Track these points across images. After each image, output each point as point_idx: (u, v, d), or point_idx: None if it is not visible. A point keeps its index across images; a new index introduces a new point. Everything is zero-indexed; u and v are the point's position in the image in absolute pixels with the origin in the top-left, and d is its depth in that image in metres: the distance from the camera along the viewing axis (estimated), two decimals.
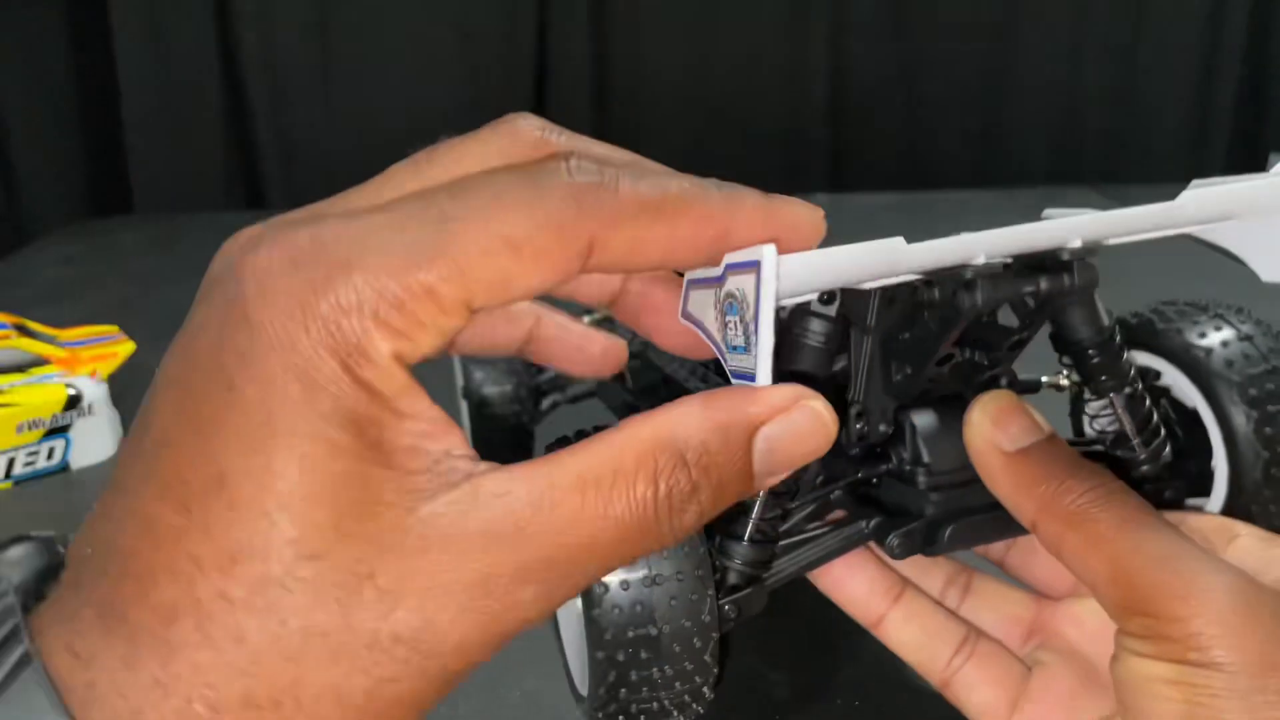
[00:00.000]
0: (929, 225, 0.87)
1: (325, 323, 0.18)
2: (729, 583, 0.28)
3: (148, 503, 0.18)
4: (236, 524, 0.18)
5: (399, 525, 0.18)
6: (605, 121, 1.33)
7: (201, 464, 0.18)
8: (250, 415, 0.18)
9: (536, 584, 0.19)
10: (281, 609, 0.18)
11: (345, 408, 0.18)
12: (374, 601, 0.18)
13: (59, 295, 0.85)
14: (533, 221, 0.19)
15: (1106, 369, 0.29)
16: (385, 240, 0.18)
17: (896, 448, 0.29)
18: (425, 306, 0.18)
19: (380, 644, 0.18)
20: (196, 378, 0.19)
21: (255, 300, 0.18)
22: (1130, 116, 1.41)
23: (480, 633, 0.19)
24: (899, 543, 0.29)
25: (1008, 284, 0.25)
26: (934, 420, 0.29)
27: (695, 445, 0.20)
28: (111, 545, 0.19)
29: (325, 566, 0.18)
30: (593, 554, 0.19)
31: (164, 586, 0.18)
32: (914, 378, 0.28)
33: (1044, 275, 0.25)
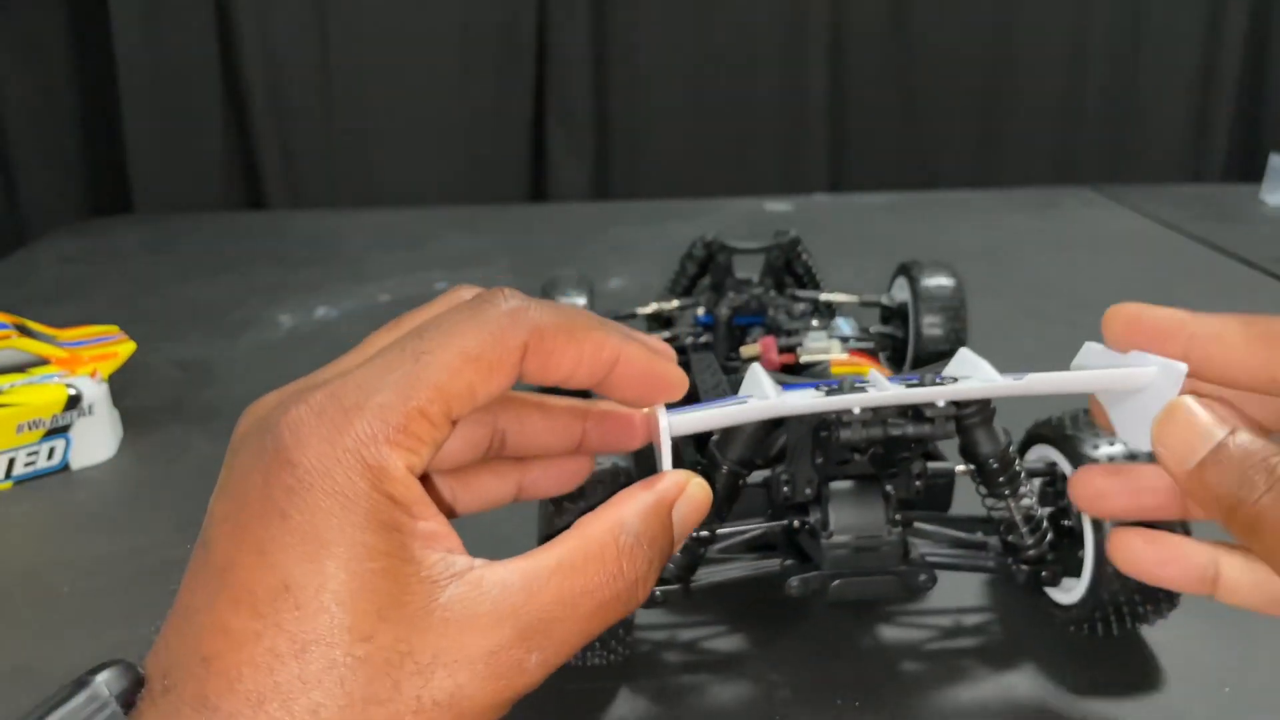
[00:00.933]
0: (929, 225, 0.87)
1: (351, 454, 0.23)
2: (661, 575, 0.35)
3: (222, 615, 0.23)
4: (304, 620, 0.22)
5: (425, 610, 0.23)
6: (605, 121, 1.33)
7: (267, 577, 0.23)
8: (303, 535, 0.23)
9: (538, 651, 0.24)
10: (346, 683, 0.22)
11: (376, 517, 0.23)
12: (414, 674, 0.23)
13: (59, 295, 0.85)
14: (481, 338, 0.25)
15: (1002, 475, 0.36)
16: (380, 383, 0.24)
17: (814, 509, 0.36)
18: (421, 425, 0.24)
19: (424, 709, 0.23)
20: (250, 512, 0.24)
21: (294, 447, 0.24)
22: (1130, 116, 1.41)
23: (497, 694, 0.24)
24: (797, 584, 0.36)
25: (878, 427, 0.32)
26: (845, 493, 0.36)
27: (639, 520, 0.26)
28: (195, 654, 0.23)
29: (375, 646, 0.23)
30: (579, 622, 0.24)
31: (248, 678, 0.22)
32: (827, 464, 0.35)
33: (912, 423, 0.32)
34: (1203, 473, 0.27)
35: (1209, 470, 0.26)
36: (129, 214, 1.19)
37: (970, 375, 0.32)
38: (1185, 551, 0.30)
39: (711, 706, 0.36)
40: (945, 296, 0.57)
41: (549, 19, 1.27)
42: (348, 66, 1.24)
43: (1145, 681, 0.37)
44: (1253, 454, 0.26)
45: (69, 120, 1.18)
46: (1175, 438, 0.27)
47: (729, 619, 0.41)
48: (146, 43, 1.17)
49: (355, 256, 0.96)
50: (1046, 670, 0.38)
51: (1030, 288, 0.84)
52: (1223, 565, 0.30)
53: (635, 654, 0.39)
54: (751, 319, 0.55)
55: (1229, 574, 0.30)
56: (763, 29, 1.32)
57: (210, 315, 0.79)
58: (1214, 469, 0.26)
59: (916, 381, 0.31)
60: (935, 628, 0.41)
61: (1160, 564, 0.30)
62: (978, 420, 0.35)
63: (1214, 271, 0.89)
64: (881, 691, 0.37)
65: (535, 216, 1.14)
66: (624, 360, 0.27)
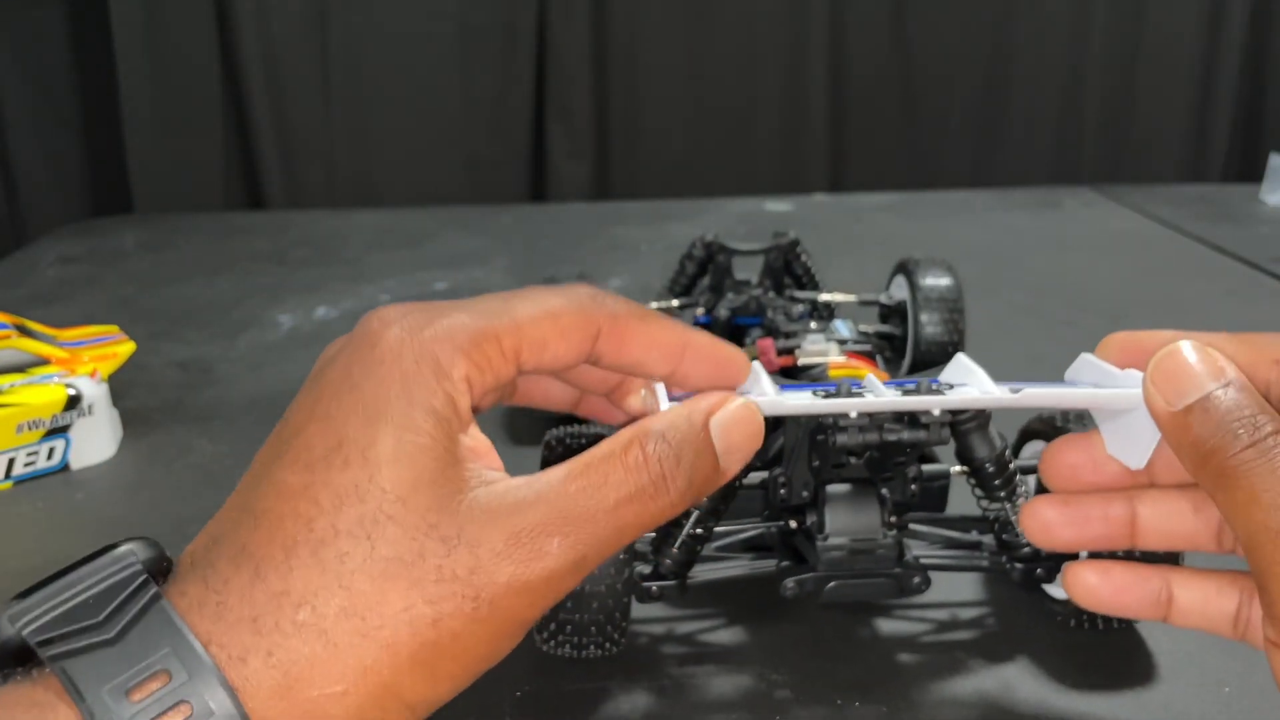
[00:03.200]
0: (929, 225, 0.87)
1: (427, 346, 0.26)
2: (659, 571, 0.36)
3: (279, 472, 0.25)
4: (346, 473, 0.24)
5: (456, 495, 0.25)
6: (605, 121, 1.33)
7: (326, 438, 0.25)
8: (366, 403, 0.25)
9: (559, 536, 0.25)
10: (374, 538, 0.24)
11: (431, 404, 0.25)
12: (438, 544, 0.24)
13: (59, 295, 0.85)
14: (564, 305, 0.28)
15: (998, 479, 0.36)
16: (467, 307, 0.27)
17: (810, 511, 0.36)
18: (492, 348, 0.27)
19: (444, 579, 0.24)
20: (328, 386, 0.26)
21: (378, 330, 0.27)
22: (1130, 116, 1.41)
23: (515, 576, 0.25)
24: (793, 585, 0.36)
25: (874, 432, 0.33)
26: (841, 496, 0.36)
27: (666, 426, 0.27)
28: (248, 512, 0.25)
29: (407, 510, 0.24)
30: (605, 514, 0.26)
31: (288, 527, 0.24)
32: (823, 467, 0.36)
33: (908, 428, 0.33)
34: (1188, 416, 0.27)
35: (1194, 414, 0.27)
36: (129, 214, 1.18)
37: (966, 382, 0.32)
38: (1137, 578, 0.31)
39: (711, 705, 0.36)
40: (944, 295, 0.57)
41: (549, 19, 1.27)
42: (348, 66, 1.24)
43: (1145, 680, 0.37)
44: (1240, 407, 0.26)
45: (69, 120, 1.18)
46: (1168, 378, 0.28)
47: (728, 615, 0.41)
48: (146, 43, 1.17)
49: (355, 256, 0.96)
50: (1046, 668, 0.38)
51: (1030, 288, 0.84)
52: (1175, 589, 0.31)
53: (634, 651, 0.39)
54: (750, 320, 0.55)
55: (1181, 597, 0.31)
56: (763, 29, 1.32)
57: (210, 315, 0.79)
58: (1200, 414, 0.27)
59: (913, 387, 0.31)
60: (933, 624, 0.41)
61: (1116, 593, 0.31)
62: (973, 426, 0.36)
63: (1214, 271, 0.89)
64: (881, 688, 0.37)
65: (535, 216, 1.14)
66: (693, 346, 0.29)
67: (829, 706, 0.36)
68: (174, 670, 0.23)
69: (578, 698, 0.37)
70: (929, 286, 0.57)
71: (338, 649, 0.24)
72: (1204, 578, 0.31)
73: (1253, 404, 0.26)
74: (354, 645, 0.24)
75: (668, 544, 0.36)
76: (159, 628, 0.23)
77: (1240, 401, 0.26)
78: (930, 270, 0.58)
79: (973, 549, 0.39)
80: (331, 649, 0.24)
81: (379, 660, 0.24)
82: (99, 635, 0.23)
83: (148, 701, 0.22)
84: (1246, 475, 0.26)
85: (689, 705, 0.36)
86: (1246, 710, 0.36)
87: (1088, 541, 0.32)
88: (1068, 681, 0.37)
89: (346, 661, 0.24)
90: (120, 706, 0.22)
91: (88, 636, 0.23)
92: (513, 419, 0.58)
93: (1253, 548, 0.26)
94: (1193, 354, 0.28)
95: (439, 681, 0.25)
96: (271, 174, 1.24)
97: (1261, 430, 0.26)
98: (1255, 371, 0.28)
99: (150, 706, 0.22)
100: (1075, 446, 0.32)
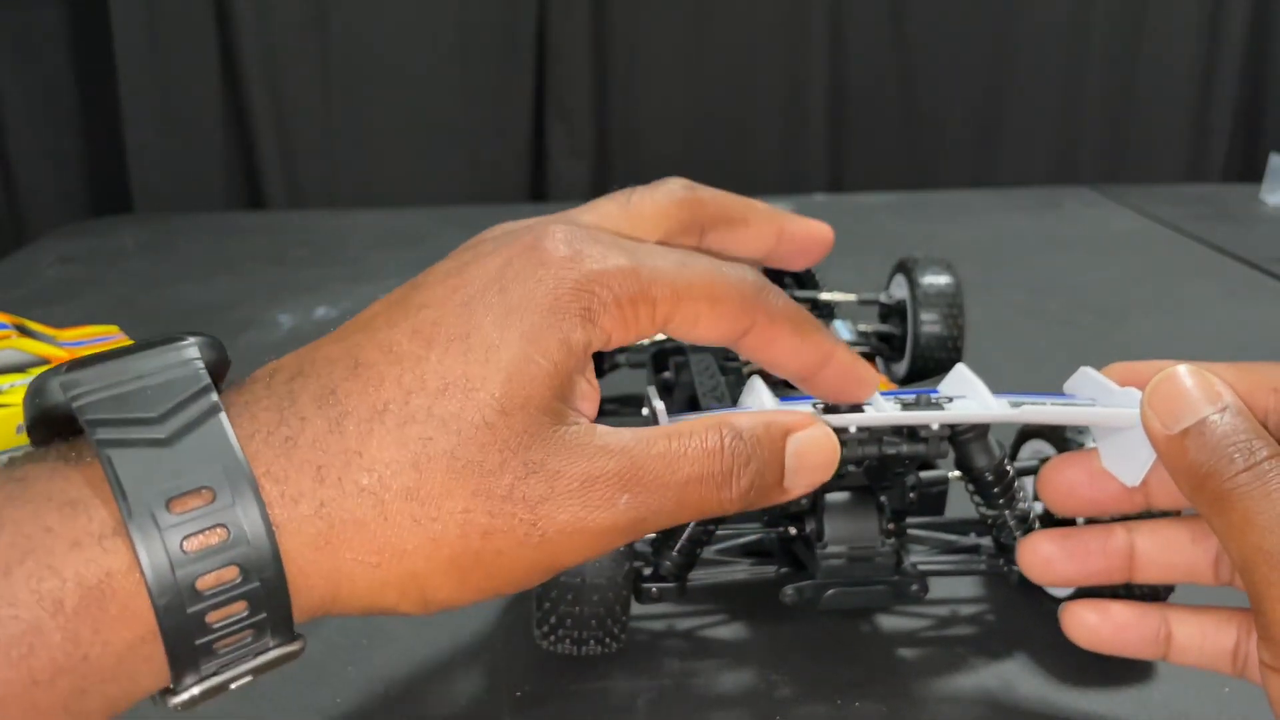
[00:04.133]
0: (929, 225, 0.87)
1: (588, 282, 0.26)
2: (659, 573, 0.36)
3: (397, 336, 0.25)
4: (464, 364, 0.24)
5: (551, 427, 0.25)
6: (605, 120, 1.33)
7: (456, 323, 0.25)
8: (508, 307, 0.25)
9: (629, 493, 0.25)
10: (464, 435, 0.24)
11: (569, 338, 0.25)
12: (520, 466, 0.24)
13: (59, 295, 0.85)
14: (731, 285, 0.27)
15: (997, 487, 0.36)
16: (633, 252, 0.27)
17: (809, 519, 0.37)
18: (645, 310, 0.26)
19: (513, 498, 0.24)
20: (477, 276, 0.26)
21: (550, 247, 0.26)
22: (1130, 116, 1.41)
23: (578, 518, 0.25)
24: (791, 592, 0.36)
25: (873, 445, 0.33)
26: (841, 503, 0.36)
27: (747, 427, 0.27)
28: (349, 357, 0.25)
29: (506, 423, 0.24)
30: (673, 487, 0.26)
31: (387, 389, 0.24)
32: None
33: (906, 442, 0.33)
34: (1184, 439, 0.27)
35: (1190, 438, 0.27)
36: (129, 214, 1.18)
37: (965, 394, 0.32)
38: (1137, 616, 0.31)
39: (711, 703, 0.36)
40: (943, 293, 0.57)
41: (549, 18, 1.27)
42: (348, 66, 1.24)
43: (1145, 679, 0.37)
44: (1236, 432, 0.27)
45: (69, 120, 1.18)
46: (1165, 401, 0.28)
47: (728, 613, 0.41)
48: (146, 43, 1.17)
49: (355, 256, 0.96)
50: (1047, 667, 0.38)
51: (1030, 288, 0.84)
52: (1174, 626, 0.31)
53: (634, 649, 0.39)
54: None
55: (1180, 634, 0.31)
56: (763, 29, 1.32)
57: (210, 315, 0.79)
58: (1195, 438, 0.27)
59: (912, 400, 0.32)
60: (934, 622, 0.41)
61: (1116, 632, 0.31)
62: (972, 437, 0.36)
63: (1214, 271, 0.89)
64: (881, 687, 0.37)
65: (535, 216, 1.14)
66: (835, 362, 0.30)
67: (829, 705, 0.36)
68: (220, 491, 0.22)
69: (578, 696, 0.37)
70: (928, 285, 0.57)
71: (387, 524, 0.23)
72: (1201, 614, 0.31)
73: (1248, 429, 0.27)
74: (403, 527, 0.24)
75: (668, 546, 0.36)
76: (215, 441, 0.22)
77: (1236, 426, 0.27)
78: (930, 269, 0.58)
79: (971, 552, 0.39)
80: (382, 522, 0.23)
81: (420, 549, 0.24)
82: (152, 432, 0.22)
83: (187, 517, 0.22)
84: (1241, 499, 0.26)
85: (689, 703, 0.36)
86: (1246, 710, 0.36)
87: (1087, 576, 0.32)
88: (1068, 680, 0.37)
89: (390, 539, 0.23)
90: (160, 514, 0.21)
91: (140, 430, 0.22)
92: None
93: (1247, 570, 0.26)
94: (1189, 379, 0.28)
95: (465, 589, 0.25)
96: (271, 174, 1.24)
97: (1257, 455, 0.26)
98: (1254, 399, 0.28)
99: (188, 522, 0.22)
100: (1073, 464, 0.32)
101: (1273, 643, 0.26)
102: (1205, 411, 0.27)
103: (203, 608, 0.22)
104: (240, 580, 0.22)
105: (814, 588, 0.36)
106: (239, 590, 0.22)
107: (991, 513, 0.37)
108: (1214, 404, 0.27)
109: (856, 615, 0.41)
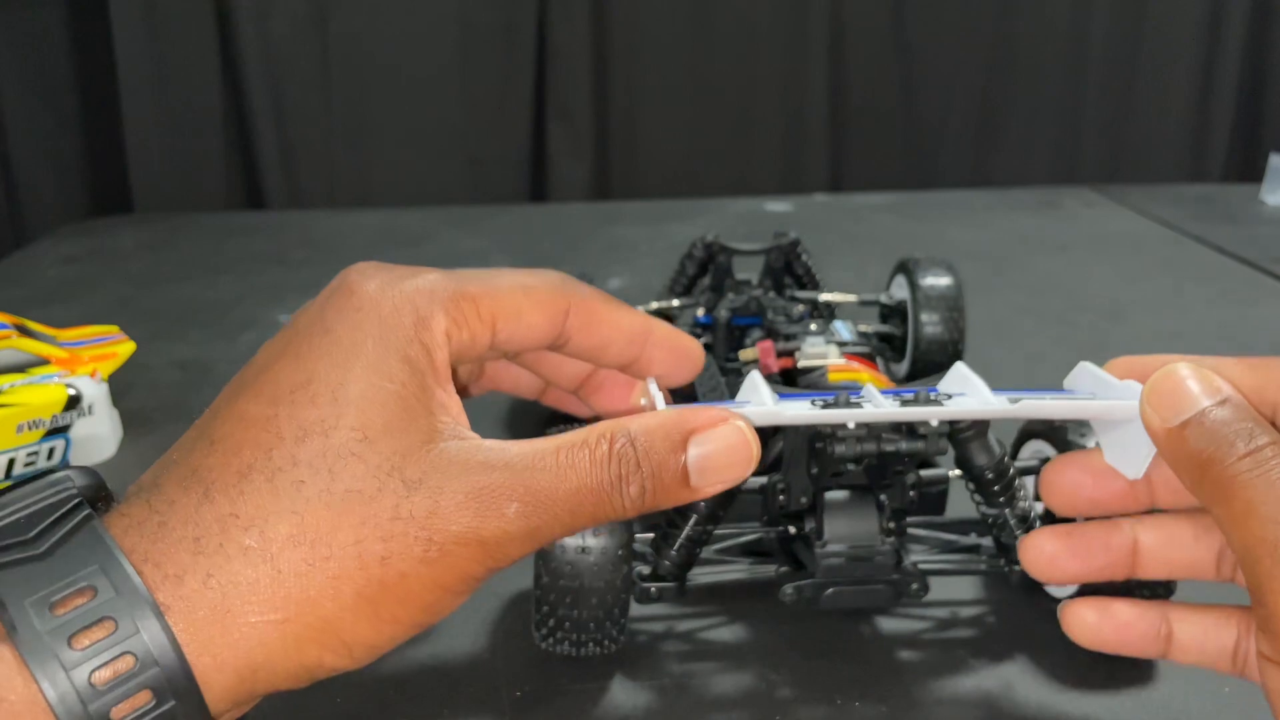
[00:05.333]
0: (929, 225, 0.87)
1: (406, 297, 0.27)
2: (658, 572, 0.36)
3: (244, 405, 0.25)
4: (313, 410, 0.25)
5: (425, 443, 0.25)
6: (605, 120, 1.33)
7: (294, 374, 0.25)
8: (340, 345, 0.26)
9: (519, 503, 0.25)
10: (335, 472, 0.24)
11: (408, 354, 0.26)
12: (399, 485, 0.24)
13: (59, 295, 0.85)
14: (538, 280, 0.30)
15: (998, 485, 0.36)
16: (445, 272, 0.28)
17: (809, 517, 0.36)
18: (469, 308, 0.28)
19: (400, 517, 0.24)
20: (301, 328, 0.27)
21: (358, 281, 0.28)
22: (1130, 116, 1.41)
23: (469, 529, 0.25)
24: (791, 592, 0.36)
25: (872, 442, 0.32)
26: (840, 502, 0.36)
27: (641, 430, 0.27)
28: (203, 434, 0.25)
29: (371, 449, 0.24)
30: (563, 498, 0.26)
31: (246, 454, 0.24)
32: (821, 474, 0.35)
33: (906, 439, 0.33)
34: (1184, 430, 0.27)
35: (1190, 429, 0.27)
36: (129, 214, 1.18)
37: (964, 392, 0.33)
38: (1137, 614, 0.31)
39: (711, 703, 0.36)
40: (944, 294, 0.57)
41: (549, 18, 1.27)
42: (348, 66, 1.24)
43: (1145, 680, 0.37)
44: (1236, 419, 0.27)
45: (69, 120, 1.18)
46: (1164, 395, 0.28)
47: (728, 613, 0.41)
48: (146, 43, 1.17)
49: (355, 256, 0.95)
50: (1047, 667, 0.38)
51: (1030, 288, 0.84)
52: (1174, 625, 0.31)
53: (634, 650, 0.39)
54: (751, 320, 0.55)
55: (1180, 632, 0.31)
56: (763, 29, 1.32)
57: (210, 315, 0.79)
58: (1196, 429, 0.27)
59: (911, 397, 0.32)
60: (934, 622, 0.41)
61: (1118, 630, 0.31)
62: (971, 435, 0.36)
63: (1214, 271, 0.89)
64: (881, 687, 0.37)
65: (535, 216, 1.14)
66: (656, 333, 0.32)
67: (829, 705, 0.36)
68: (100, 587, 0.22)
69: (577, 697, 0.37)
70: (929, 286, 0.57)
71: (281, 575, 0.23)
72: (1201, 612, 0.31)
73: (1248, 418, 0.27)
74: (299, 574, 0.23)
75: (667, 546, 0.36)
76: (89, 545, 0.23)
77: (1236, 415, 0.27)
78: (931, 270, 0.58)
79: (971, 552, 0.39)
80: (275, 575, 0.23)
81: (323, 591, 0.24)
82: (27, 551, 0.23)
83: (71, 615, 0.22)
84: (1243, 487, 0.26)
85: (689, 704, 0.36)
86: (1247, 711, 0.36)
87: (1092, 573, 0.32)
88: (1068, 680, 0.37)
89: (290, 590, 0.23)
90: (43, 619, 0.22)
91: (16, 552, 0.23)
92: (513, 416, 0.58)
93: (1249, 561, 0.26)
94: (1187, 373, 0.28)
95: (381, 624, 0.25)
96: (271, 174, 1.24)
97: (1257, 441, 0.26)
98: (1263, 395, 0.28)
99: (73, 620, 0.22)
100: (1075, 464, 0.32)
101: (1272, 635, 0.26)
102: (1204, 403, 0.27)
103: (101, 705, 0.22)
104: (136, 669, 0.22)
105: (813, 587, 0.36)
106: (137, 681, 0.22)
107: (992, 512, 0.37)
108: (1213, 396, 0.27)
109: (856, 616, 0.41)
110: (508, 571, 0.43)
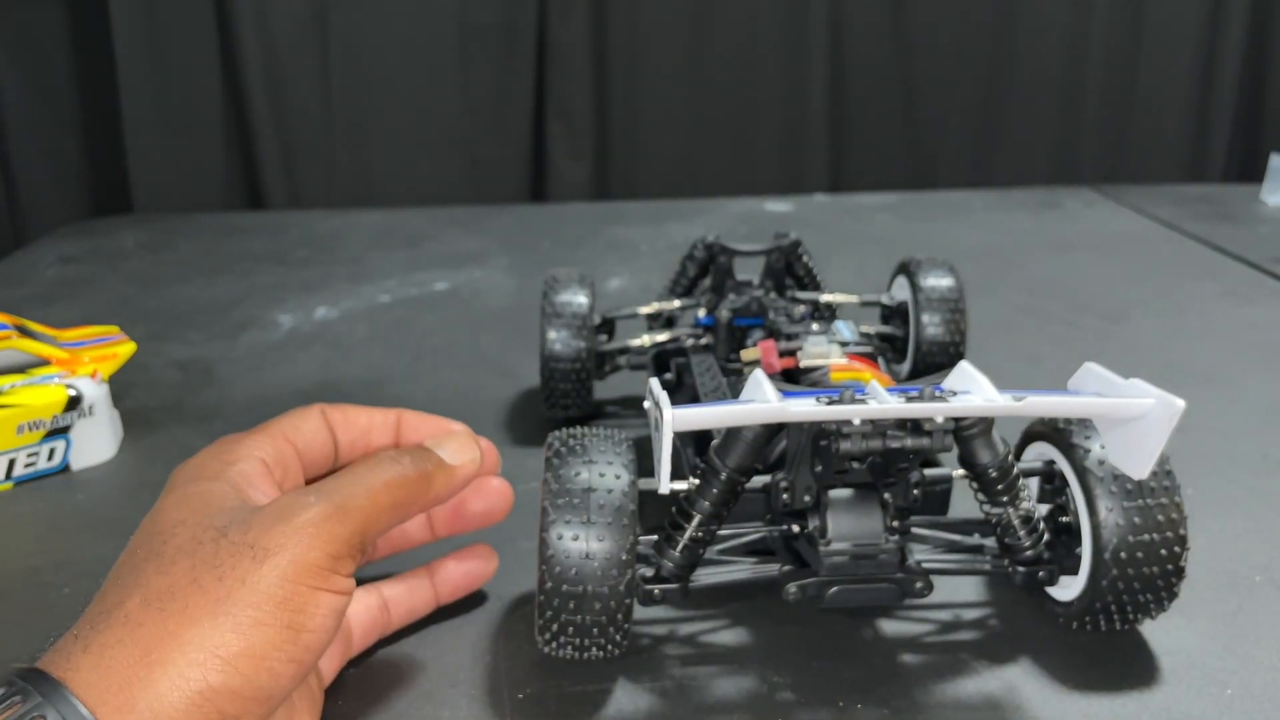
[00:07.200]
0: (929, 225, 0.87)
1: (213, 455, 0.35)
2: (660, 574, 0.36)
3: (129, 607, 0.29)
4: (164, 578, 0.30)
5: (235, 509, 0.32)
6: (605, 121, 1.33)
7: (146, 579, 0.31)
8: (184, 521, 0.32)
9: (314, 494, 0.32)
10: (195, 559, 0.30)
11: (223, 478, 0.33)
12: (217, 535, 0.30)
13: (59, 295, 0.85)
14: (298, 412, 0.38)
15: (1001, 484, 0.36)
16: None
17: (813, 516, 0.36)
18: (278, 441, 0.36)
19: (222, 548, 0.30)
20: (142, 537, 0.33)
21: (179, 469, 0.35)
22: (1130, 116, 1.41)
23: (284, 520, 0.31)
24: (795, 590, 0.36)
25: (877, 439, 0.32)
26: (843, 501, 0.36)
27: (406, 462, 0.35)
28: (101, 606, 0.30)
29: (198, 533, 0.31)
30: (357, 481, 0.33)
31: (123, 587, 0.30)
32: (825, 472, 0.35)
33: (910, 435, 0.33)
34: None
35: None
36: (129, 214, 1.18)
37: (969, 390, 0.33)
38: None
39: (714, 706, 0.36)
40: (945, 295, 0.57)
41: (549, 19, 1.27)
42: (348, 66, 1.24)
43: (1147, 682, 0.37)
44: None
45: (69, 120, 1.17)
46: None
47: (730, 616, 0.41)
48: (146, 43, 1.17)
49: (355, 256, 0.96)
50: (1049, 670, 0.38)
51: (1030, 288, 0.84)
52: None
53: (636, 653, 0.39)
54: (752, 320, 0.55)
55: None
56: (763, 29, 1.32)
57: (210, 315, 0.79)
58: None
59: (916, 394, 0.32)
60: (936, 625, 0.41)
61: None
62: (976, 432, 0.36)
63: (1214, 271, 0.89)
64: (883, 689, 0.37)
65: (535, 216, 1.14)
66: (406, 414, 0.39)
67: (832, 708, 0.36)
68: None
69: (580, 699, 0.37)
70: (930, 287, 0.57)
71: (142, 627, 0.28)
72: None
73: None
74: (155, 621, 0.29)
75: (670, 547, 0.36)
76: None
77: None
78: (932, 271, 0.58)
79: (975, 552, 0.39)
80: (137, 628, 0.28)
81: (180, 623, 0.28)
82: None
83: None
84: None
85: (691, 707, 0.36)
86: (1248, 712, 0.36)
87: None
88: (1070, 683, 0.37)
89: (148, 634, 0.28)
90: None
91: None
92: (512, 421, 0.58)
93: None
94: None
95: (243, 629, 0.28)
96: (271, 174, 1.24)
97: None
98: None
99: None
100: None
101: None
102: None
103: None
104: None
105: (817, 585, 0.36)
106: None
107: (995, 511, 0.37)
108: None
109: (859, 618, 0.41)
110: (509, 573, 0.43)
